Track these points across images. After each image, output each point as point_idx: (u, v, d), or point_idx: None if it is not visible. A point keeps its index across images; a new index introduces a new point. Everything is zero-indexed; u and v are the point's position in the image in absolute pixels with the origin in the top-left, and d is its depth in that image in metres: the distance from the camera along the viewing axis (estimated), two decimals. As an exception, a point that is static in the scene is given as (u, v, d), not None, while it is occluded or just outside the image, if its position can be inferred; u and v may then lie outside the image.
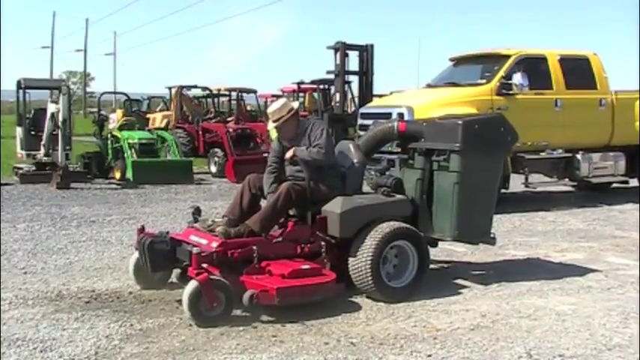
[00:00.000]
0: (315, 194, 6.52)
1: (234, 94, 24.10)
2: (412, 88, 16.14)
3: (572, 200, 13.13)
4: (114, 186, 15.37)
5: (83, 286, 6.76)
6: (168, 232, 6.49)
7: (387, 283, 6.34)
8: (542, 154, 12.41)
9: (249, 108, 28.22)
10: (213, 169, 18.22)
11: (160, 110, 27.57)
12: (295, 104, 7.29)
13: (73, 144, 16.46)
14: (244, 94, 25.34)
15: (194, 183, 15.97)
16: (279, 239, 6.29)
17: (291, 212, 6.63)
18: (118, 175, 16.29)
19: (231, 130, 18.66)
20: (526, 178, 12.23)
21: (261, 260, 6.01)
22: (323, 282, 5.98)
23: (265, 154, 17.98)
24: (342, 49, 17.17)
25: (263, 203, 6.75)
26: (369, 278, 6.20)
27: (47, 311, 5.89)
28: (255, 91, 26.12)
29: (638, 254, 8.32)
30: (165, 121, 23.79)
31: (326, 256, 6.32)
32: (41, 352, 4.97)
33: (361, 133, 13.11)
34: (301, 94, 22.68)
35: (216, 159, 18.17)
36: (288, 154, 6.69)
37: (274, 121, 6.81)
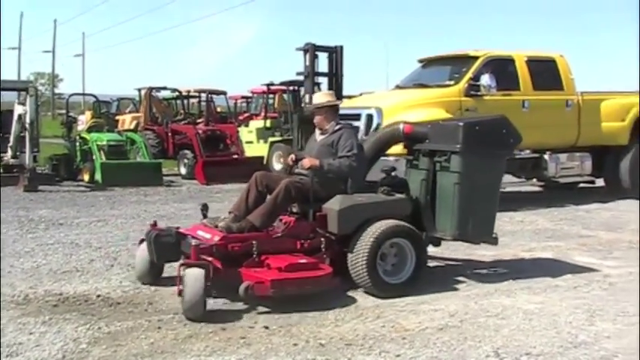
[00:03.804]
0: (318, 193, 6.72)
1: (203, 95, 24.00)
2: (382, 89, 16.17)
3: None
4: (82, 188, 15.25)
5: (50, 289, 6.70)
6: (178, 228, 6.87)
7: (384, 279, 6.52)
8: None
9: (219, 109, 28.13)
10: (183, 170, 18.18)
11: (130, 112, 27.45)
12: (338, 102, 7.63)
13: (40, 146, 16.41)
14: (214, 96, 25.24)
15: (164, 185, 15.94)
16: (279, 234, 6.54)
17: (294, 209, 6.86)
18: (86, 177, 16.20)
19: (200, 131, 18.62)
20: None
21: (261, 254, 6.27)
22: (318, 276, 6.20)
23: (235, 156, 18.13)
24: (311, 50, 17.16)
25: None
26: (366, 274, 6.40)
27: (13, 315, 5.82)
28: (224, 93, 26.01)
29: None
30: (134, 122, 23.68)
31: (325, 251, 6.55)
32: (7, 356, 4.92)
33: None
34: (271, 96, 22.62)
35: (185, 161, 18.14)
36: (307, 164, 6.85)
37: (313, 104, 7.41)
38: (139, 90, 24.41)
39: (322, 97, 7.52)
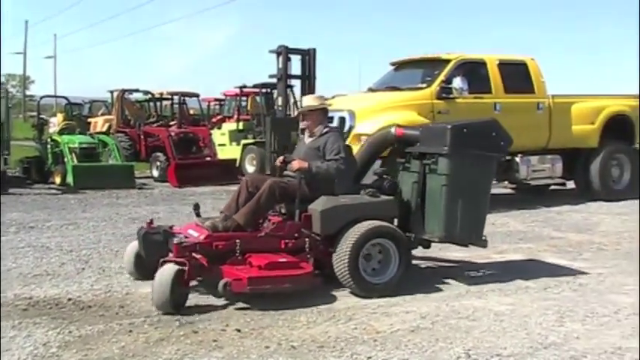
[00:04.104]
0: (306, 194, 6.88)
1: (176, 98, 23.94)
2: (354, 92, 16.21)
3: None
4: (54, 191, 15.15)
5: (21, 293, 6.65)
6: (172, 227, 6.96)
7: (366, 279, 6.64)
8: None
9: (192, 112, 28.04)
10: (156, 173, 18.10)
11: (102, 114, 27.27)
12: (327, 106, 7.65)
13: (11, 148, 16.25)
14: (187, 98, 25.17)
15: (136, 187, 15.86)
16: (262, 234, 6.68)
17: (283, 210, 7.06)
18: (58, 180, 16.09)
19: (173, 134, 18.55)
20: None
21: (245, 253, 6.44)
22: (297, 274, 6.35)
23: (208, 158, 18.10)
24: (284, 53, 17.16)
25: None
26: (348, 274, 6.53)
27: (-17, 319, 5.78)
28: (197, 95, 25.95)
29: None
30: (106, 125, 23.56)
31: (309, 251, 6.69)
32: (-24, 361, 4.90)
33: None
34: (244, 98, 22.60)
35: (158, 163, 18.06)
36: (295, 166, 7.01)
37: (303, 107, 7.54)
38: (112, 92, 24.25)
39: (311, 100, 7.59)
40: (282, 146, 16.65)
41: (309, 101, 7.59)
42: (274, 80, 17.78)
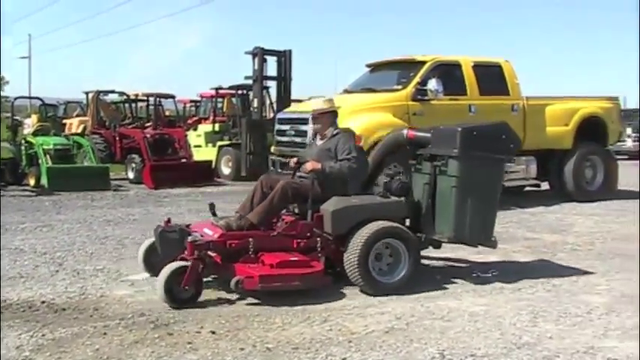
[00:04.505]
0: (319, 194, 7.06)
1: (152, 99, 23.85)
2: (330, 93, 16.24)
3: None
4: (28, 193, 15.03)
5: (-6, 295, 6.60)
6: (188, 225, 7.14)
7: (376, 278, 6.79)
8: None
9: (167, 113, 27.96)
10: (131, 175, 18.00)
11: (77, 115, 27.10)
12: (336, 109, 7.82)
13: (-16, 150, 16.10)
14: (163, 100, 25.10)
15: (111, 189, 15.75)
16: (275, 233, 6.86)
17: (296, 210, 7.25)
18: (32, 181, 15.97)
19: (148, 135, 18.47)
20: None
21: (258, 251, 6.63)
22: (307, 273, 6.53)
23: (183, 160, 18.05)
24: (260, 54, 17.20)
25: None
26: (358, 273, 6.69)
27: (-45, 322, 5.72)
28: (173, 97, 25.91)
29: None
30: (82, 126, 23.38)
31: (320, 250, 6.85)
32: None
33: (278, 138, 13.18)
34: (220, 100, 22.55)
35: (133, 165, 17.96)
36: (309, 167, 7.22)
37: (313, 111, 7.71)
38: (87, 93, 24.10)
39: (321, 103, 7.76)
40: (259, 147, 16.73)
41: (319, 104, 7.76)
42: (250, 82, 17.81)
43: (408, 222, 7.38)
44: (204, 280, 6.57)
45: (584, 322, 5.98)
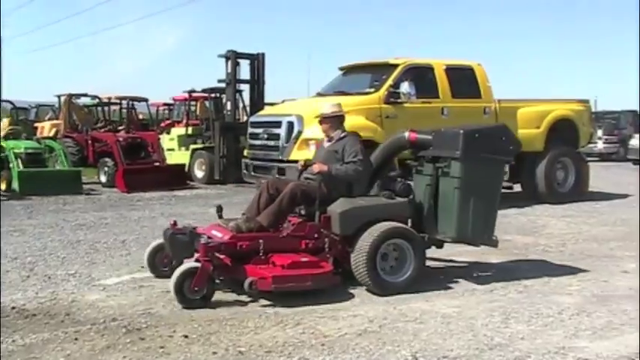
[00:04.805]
0: (325, 196, 7.19)
1: (125, 102, 23.75)
2: (303, 96, 16.27)
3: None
4: (-1, 197, 14.89)
5: (-37, 301, 6.53)
6: (195, 228, 7.20)
7: (383, 277, 6.94)
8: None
9: (140, 117, 27.84)
10: (103, 178, 17.89)
11: (49, 119, 26.92)
12: (343, 113, 8.01)
13: (-46, 154, 15.93)
14: (136, 103, 25.00)
15: (83, 193, 15.65)
16: (285, 234, 6.98)
17: (303, 212, 7.30)
18: (3, 186, 15.80)
19: (121, 139, 18.37)
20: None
21: (268, 253, 6.76)
22: (318, 273, 6.68)
23: (156, 164, 17.97)
24: (233, 57, 17.20)
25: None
26: (366, 273, 6.82)
27: None
28: (146, 100, 25.79)
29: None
30: (54, 130, 23.25)
31: (329, 251, 7.00)
32: None
33: (251, 141, 13.16)
34: (193, 103, 22.48)
35: (106, 169, 17.85)
36: (316, 169, 7.34)
37: (321, 114, 7.85)
38: (59, 96, 23.96)
39: (329, 107, 7.91)
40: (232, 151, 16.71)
41: (326, 108, 7.91)
42: (223, 85, 17.79)
43: (409, 222, 7.51)
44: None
45: (555, 322, 6.03)
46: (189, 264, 6.51)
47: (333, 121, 7.80)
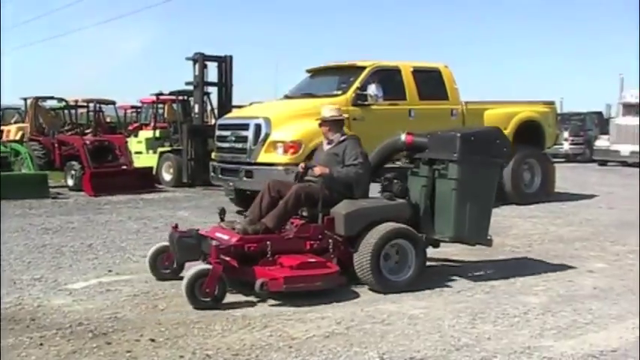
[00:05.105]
0: (326, 198, 7.31)
1: (92, 105, 23.57)
2: (271, 99, 16.26)
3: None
4: (-36, 202, 14.70)
5: None
6: (198, 230, 7.37)
7: (387, 276, 7.11)
8: (398, 163, 12.75)
9: (108, 120, 27.64)
10: (70, 182, 17.71)
11: (15, 122, 26.65)
12: (343, 117, 8.26)
13: None
14: (103, 106, 24.82)
15: (50, 197, 15.48)
16: (291, 236, 7.13)
17: (304, 213, 7.46)
18: (-32, 190, 15.62)
19: (88, 142, 18.22)
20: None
21: (274, 254, 6.89)
22: (326, 273, 6.85)
23: (124, 167, 17.86)
24: (200, 60, 17.15)
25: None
26: (369, 272, 6.99)
27: None
28: (114, 103, 25.60)
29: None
30: (19, 133, 23.02)
31: (333, 252, 7.15)
32: None
33: (219, 144, 13.13)
34: (160, 106, 22.36)
35: (73, 172, 17.67)
36: (318, 171, 7.46)
37: (322, 117, 8.02)
38: (25, 99, 23.71)
39: (329, 111, 8.06)
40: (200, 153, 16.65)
41: (327, 111, 8.06)
42: (191, 87, 17.74)
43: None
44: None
45: (521, 322, 6.09)
46: (200, 266, 6.57)
47: (333, 124, 7.96)
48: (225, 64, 17.56)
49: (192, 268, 6.56)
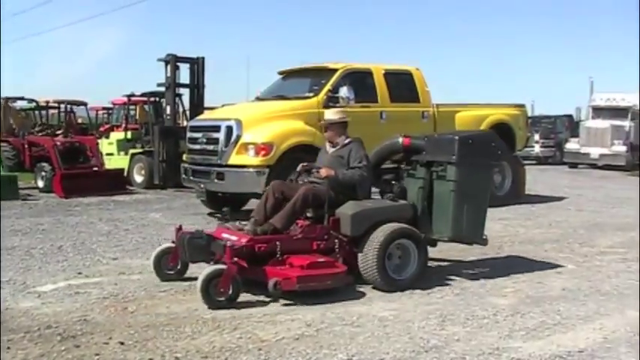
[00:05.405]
0: (332, 199, 7.46)
1: (63, 106, 23.44)
2: (243, 101, 16.24)
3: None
4: None
5: None
6: (202, 231, 7.49)
7: (391, 275, 7.29)
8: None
9: (80, 121, 27.50)
10: (41, 184, 17.57)
11: (-16, 124, 26.43)
12: (347, 119, 8.30)
13: None
14: (74, 107, 24.70)
15: (20, 198, 15.35)
16: (299, 236, 7.27)
17: (309, 214, 7.62)
18: (-64, 191, 15.45)
19: (58, 143, 18.09)
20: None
21: (283, 254, 7.01)
22: (336, 272, 7.02)
23: (95, 168, 17.76)
24: (172, 61, 17.08)
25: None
26: (375, 271, 7.16)
27: None
28: (85, 104, 25.51)
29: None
30: (-11, 134, 22.84)
31: (339, 251, 7.30)
32: None
33: (190, 146, 13.08)
34: (132, 107, 22.25)
35: (43, 173, 17.54)
36: (324, 173, 7.62)
37: (325, 120, 8.23)
38: (-5, 100, 23.53)
39: (334, 114, 8.26)
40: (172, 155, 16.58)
41: (331, 115, 8.26)
42: (163, 89, 17.66)
43: None
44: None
45: (490, 323, 6.13)
46: (215, 266, 6.66)
47: (338, 127, 8.11)
48: (197, 65, 17.51)
49: (206, 268, 6.66)
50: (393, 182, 8.14)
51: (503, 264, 8.70)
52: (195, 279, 6.93)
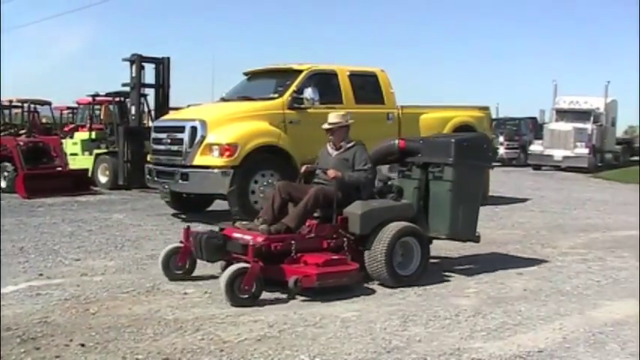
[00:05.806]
0: (339, 200, 7.70)
1: (26, 105, 23.18)
2: (208, 101, 16.17)
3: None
4: None
5: None
6: (217, 230, 7.69)
7: (398, 272, 7.56)
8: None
9: (44, 120, 27.22)
10: (3, 184, 17.40)
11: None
12: (350, 123, 8.49)
13: None
14: (38, 106, 24.44)
15: (-20, 199, 15.20)
16: (312, 235, 7.52)
17: (316, 214, 7.82)
18: None
19: (21, 143, 17.90)
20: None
21: (297, 253, 7.22)
22: (349, 270, 7.27)
23: (59, 168, 17.60)
24: (137, 61, 17.00)
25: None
26: (383, 268, 7.43)
27: None
28: (49, 103, 25.24)
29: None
30: (-50, 134, 22.52)
31: (348, 249, 7.55)
32: None
33: (154, 146, 13.01)
34: (97, 107, 22.07)
35: (5, 174, 17.38)
36: (332, 175, 7.84)
37: (330, 123, 8.33)
38: (-44, 100, 23.23)
39: (336, 117, 8.42)
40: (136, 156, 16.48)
41: (334, 118, 8.42)
42: (128, 89, 17.56)
43: None
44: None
45: (452, 324, 6.18)
46: (239, 264, 6.79)
47: (341, 130, 8.31)
48: (162, 65, 17.44)
49: (230, 267, 6.79)
50: (388, 183, 8.43)
51: (465, 265, 8.78)
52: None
